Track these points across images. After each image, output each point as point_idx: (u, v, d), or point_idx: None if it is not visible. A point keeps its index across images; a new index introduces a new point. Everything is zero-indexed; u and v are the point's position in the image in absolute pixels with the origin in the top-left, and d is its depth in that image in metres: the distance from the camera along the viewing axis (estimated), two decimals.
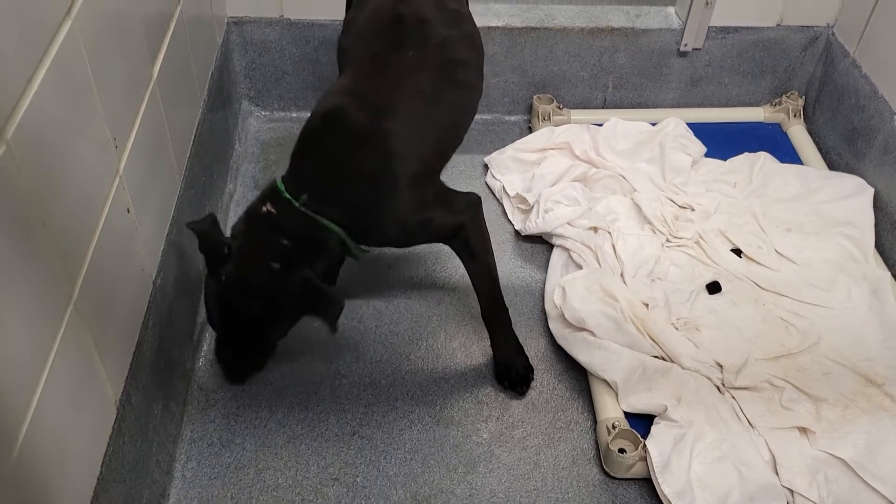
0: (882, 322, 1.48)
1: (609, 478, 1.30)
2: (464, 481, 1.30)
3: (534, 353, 1.48)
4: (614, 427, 1.30)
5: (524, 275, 1.64)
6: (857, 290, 1.54)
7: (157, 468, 1.21)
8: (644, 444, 1.28)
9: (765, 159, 1.81)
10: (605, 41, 1.93)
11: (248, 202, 1.27)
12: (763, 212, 1.69)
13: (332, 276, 1.53)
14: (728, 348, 1.44)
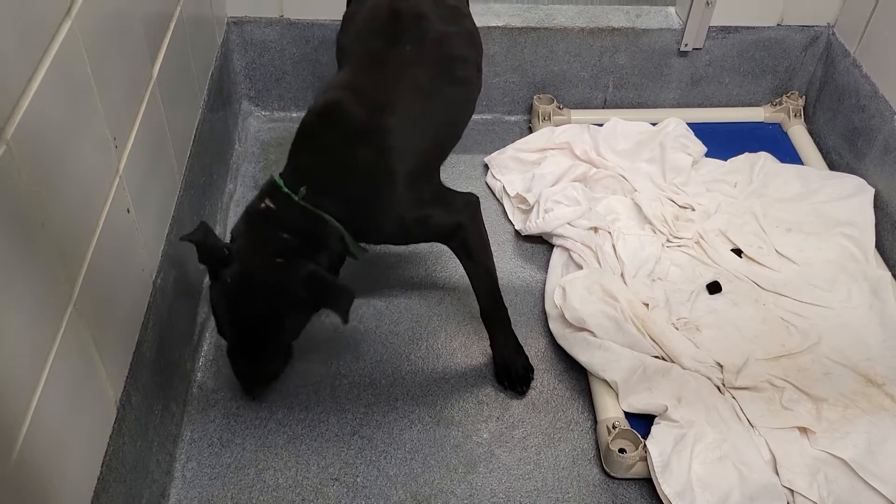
0: (882, 322, 1.48)
1: (609, 478, 1.30)
2: (464, 481, 1.30)
3: (534, 353, 1.48)
4: (615, 427, 1.30)
5: (524, 275, 1.63)
6: (857, 290, 1.54)
7: (157, 468, 1.21)
8: (644, 445, 1.28)
9: (765, 159, 1.81)
10: (605, 41, 1.93)
11: (248, 202, 1.27)
12: (763, 212, 1.69)
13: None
14: (728, 348, 1.43)
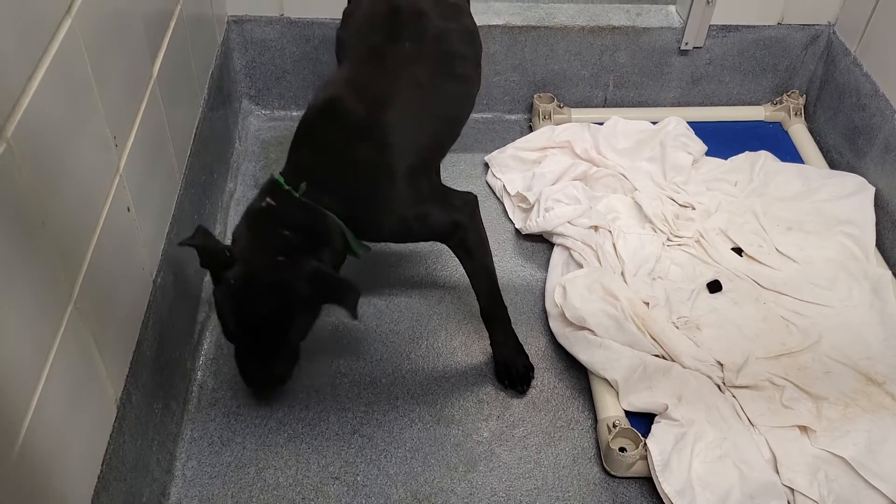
0: (883, 321, 1.48)
1: (610, 476, 1.30)
2: (464, 480, 1.30)
3: (534, 351, 1.48)
4: (615, 426, 1.30)
5: (524, 273, 1.63)
6: (857, 289, 1.54)
7: (157, 467, 1.21)
8: (645, 443, 1.28)
9: (765, 158, 1.81)
10: (605, 40, 1.93)
11: (248, 201, 1.27)
12: (764, 210, 1.69)
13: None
14: (729, 347, 1.43)
